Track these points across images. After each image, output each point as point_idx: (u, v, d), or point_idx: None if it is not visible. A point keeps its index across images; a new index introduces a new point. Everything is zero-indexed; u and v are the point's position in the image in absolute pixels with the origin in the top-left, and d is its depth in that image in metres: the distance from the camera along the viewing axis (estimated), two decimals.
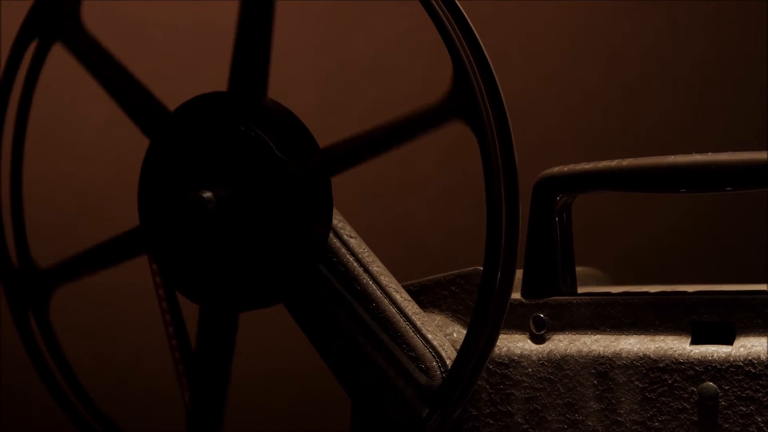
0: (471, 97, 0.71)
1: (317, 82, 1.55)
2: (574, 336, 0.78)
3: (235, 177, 0.75)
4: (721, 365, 0.73)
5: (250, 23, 0.77)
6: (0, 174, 0.86)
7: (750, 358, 0.72)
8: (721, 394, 0.72)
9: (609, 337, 0.77)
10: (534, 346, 0.78)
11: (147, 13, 1.51)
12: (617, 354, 0.75)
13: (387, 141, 0.74)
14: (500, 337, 0.79)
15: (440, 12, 0.71)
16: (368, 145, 0.75)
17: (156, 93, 0.81)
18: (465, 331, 0.76)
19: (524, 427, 0.78)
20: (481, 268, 0.72)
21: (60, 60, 0.87)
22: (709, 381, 0.73)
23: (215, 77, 0.83)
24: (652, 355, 0.75)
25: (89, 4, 0.85)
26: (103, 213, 1.55)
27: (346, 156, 0.75)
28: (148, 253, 0.82)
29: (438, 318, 0.83)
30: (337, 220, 0.80)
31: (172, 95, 0.83)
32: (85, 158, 1.57)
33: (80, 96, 1.55)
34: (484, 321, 0.72)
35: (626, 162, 0.78)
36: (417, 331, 0.79)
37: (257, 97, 0.76)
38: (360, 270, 0.79)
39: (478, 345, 0.72)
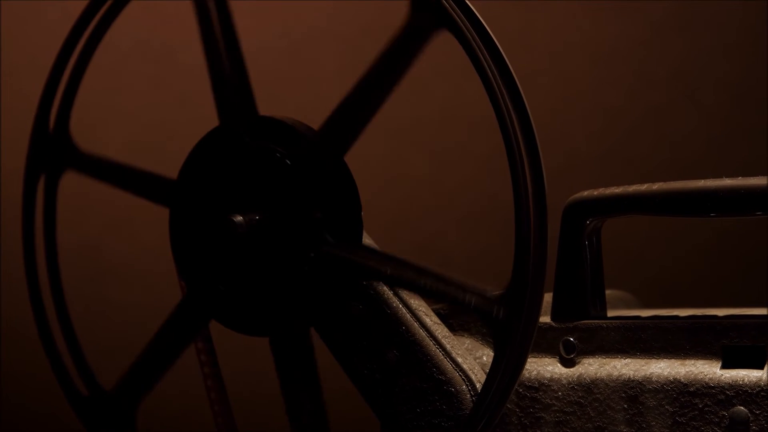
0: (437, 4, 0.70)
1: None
2: (604, 360, 0.78)
3: (258, 196, 0.76)
4: (752, 389, 0.72)
5: (216, 52, 0.79)
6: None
7: None
8: (752, 418, 0.72)
9: (639, 360, 0.77)
10: (564, 370, 0.78)
11: (176, 38, 1.52)
12: (647, 378, 0.75)
13: (379, 86, 0.74)
14: (530, 360, 0.79)
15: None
16: (362, 99, 0.74)
17: (186, 116, 0.82)
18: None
19: None
20: None
21: (89, 83, 0.87)
22: (740, 405, 0.72)
23: None
24: (682, 379, 0.74)
25: (120, 31, 0.86)
26: (129, 234, 1.56)
27: (347, 122, 0.75)
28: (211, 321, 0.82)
29: (467, 341, 0.83)
30: (368, 242, 0.80)
31: (201, 118, 0.84)
32: None
33: (105, 119, 1.56)
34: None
35: (656, 186, 0.78)
36: (447, 354, 0.79)
37: (249, 114, 0.77)
38: (390, 293, 0.79)
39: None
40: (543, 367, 0.79)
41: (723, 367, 0.74)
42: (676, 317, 0.77)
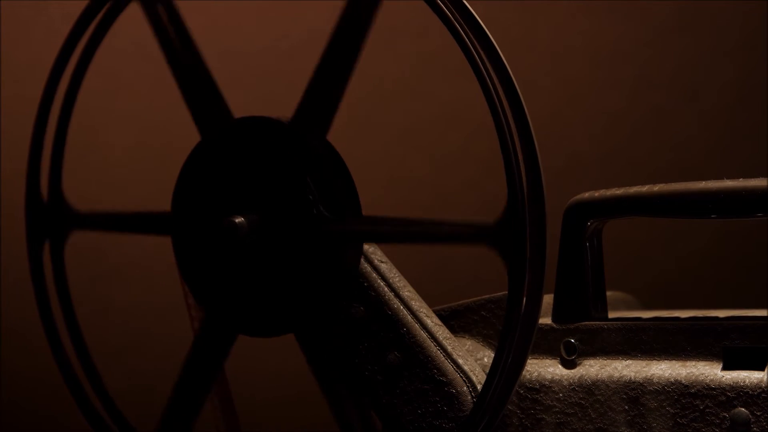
0: (519, 237, 0.70)
1: (345, 104, 1.55)
2: (605, 361, 0.78)
3: (272, 209, 0.75)
4: (753, 391, 0.72)
5: (336, 60, 0.77)
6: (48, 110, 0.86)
7: None
8: (752, 420, 0.72)
9: (640, 362, 0.77)
10: (565, 371, 0.78)
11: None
12: (648, 379, 0.75)
13: (422, 237, 0.75)
14: (531, 362, 0.79)
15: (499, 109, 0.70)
16: (406, 233, 0.75)
17: (186, 117, 0.81)
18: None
19: None
20: None
21: (90, 85, 0.87)
22: (741, 407, 0.73)
23: (243, 102, 0.83)
24: (683, 381, 0.74)
25: (120, 32, 0.86)
26: (132, 238, 1.56)
27: (384, 234, 0.76)
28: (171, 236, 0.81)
29: (469, 343, 0.83)
30: (369, 245, 0.80)
31: None
32: (114, 184, 1.58)
33: (105, 121, 1.56)
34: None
35: (657, 188, 0.78)
36: (448, 356, 0.79)
37: (318, 137, 0.76)
38: (391, 295, 0.79)
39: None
40: (544, 369, 0.79)
41: (724, 368, 0.74)
42: (677, 319, 0.77)
